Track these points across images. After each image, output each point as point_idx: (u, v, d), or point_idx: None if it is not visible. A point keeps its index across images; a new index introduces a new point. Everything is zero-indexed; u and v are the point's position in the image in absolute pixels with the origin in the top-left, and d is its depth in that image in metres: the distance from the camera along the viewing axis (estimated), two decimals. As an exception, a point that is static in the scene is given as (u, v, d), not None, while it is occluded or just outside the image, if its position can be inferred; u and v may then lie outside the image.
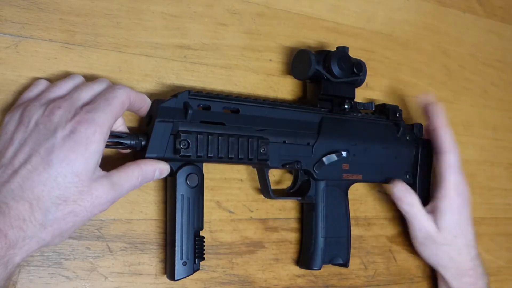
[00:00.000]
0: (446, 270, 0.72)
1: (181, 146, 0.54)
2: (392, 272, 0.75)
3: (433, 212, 0.71)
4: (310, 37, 0.72)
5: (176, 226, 0.54)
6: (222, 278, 0.61)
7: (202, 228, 0.56)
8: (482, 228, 0.86)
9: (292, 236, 0.67)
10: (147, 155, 0.52)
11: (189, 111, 0.54)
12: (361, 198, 0.74)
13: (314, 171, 0.64)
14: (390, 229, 0.76)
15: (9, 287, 0.44)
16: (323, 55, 0.65)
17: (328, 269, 0.69)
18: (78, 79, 0.51)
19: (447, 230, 0.70)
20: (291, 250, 0.67)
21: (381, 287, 0.74)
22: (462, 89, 0.88)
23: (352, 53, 0.66)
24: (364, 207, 0.74)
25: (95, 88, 0.50)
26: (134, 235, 0.57)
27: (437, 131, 0.72)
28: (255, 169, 0.64)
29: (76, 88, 0.50)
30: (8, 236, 0.41)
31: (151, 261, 0.57)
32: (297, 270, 0.67)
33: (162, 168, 0.53)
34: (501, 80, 0.94)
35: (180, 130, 0.54)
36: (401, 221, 0.77)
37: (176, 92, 0.56)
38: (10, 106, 0.50)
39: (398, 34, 0.81)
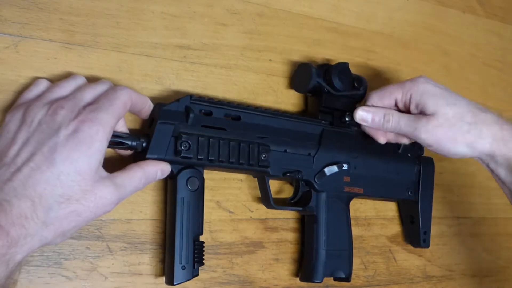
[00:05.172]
0: None
1: (182, 148, 0.54)
2: (392, 272, 0.75)
3: None
4: (310, 37, 0.72)
5: (176, 229, 0.54)
6: (222, 278, 0.61)
7: (201, 233, 0.56)
8: (482, 228, 0.86)
9: (292, 236, 0.67)
10: (148, 155, 0.52)
11: (191, 115, 0.54)
12: (361, 198, 0.74)
13: (315, 181, 0.64)
14: (390, 229, 0.76)
15: (9, 285, 0.44)
16: (324, 69, 0.65)
17: (328, 269, 0.69)
18: (80, 80, 0.52)
19: None
20: (291, 250, 0.67)
21: (381, 287, 0.74)
22: (462, 89, 0.88)
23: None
24: (364, 207, 0.74)
25: (98, 89, 0.50)
26: (134, 235, 0.57)
27: None
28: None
29: (79, 89, 0.50)
30: (10, 234, 0.41)
31: (151, 261, 0.57)
32: (297, 270, 0.67)
33: (163, 169, 0.53)
34: (501, 80, 0.94)
35: (182, 132, 0.54)
36: (401, 221, 0.77)
37: (178, 97, 0.56)
38: (10, 106, 0.50)
39: (398, 34, 0.81)
